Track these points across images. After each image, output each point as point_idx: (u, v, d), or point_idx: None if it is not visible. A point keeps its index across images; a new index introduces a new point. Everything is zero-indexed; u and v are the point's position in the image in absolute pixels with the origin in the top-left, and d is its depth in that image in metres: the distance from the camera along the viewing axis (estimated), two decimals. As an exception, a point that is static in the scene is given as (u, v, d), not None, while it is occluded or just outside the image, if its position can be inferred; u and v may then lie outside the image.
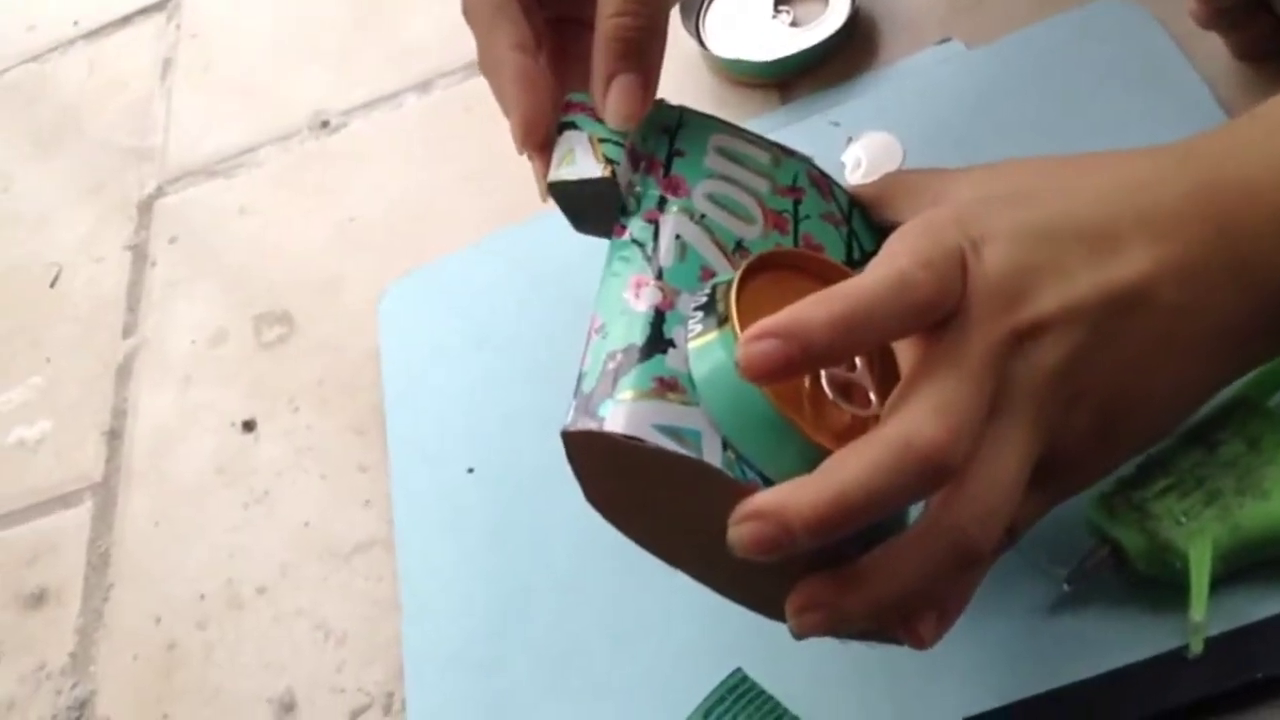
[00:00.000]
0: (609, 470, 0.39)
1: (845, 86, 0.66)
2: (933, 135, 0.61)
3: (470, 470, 0.61)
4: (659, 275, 0.41)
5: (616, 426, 0.37)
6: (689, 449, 0.36)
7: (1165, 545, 0.43)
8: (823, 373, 0.37)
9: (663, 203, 0.44)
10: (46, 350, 0.79)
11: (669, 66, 0.46)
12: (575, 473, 0.40)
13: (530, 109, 0.45)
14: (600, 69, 0.45)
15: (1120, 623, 0.45)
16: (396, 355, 0.67)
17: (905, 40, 0.67)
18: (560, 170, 0.44)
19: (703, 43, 0.70)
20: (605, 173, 0.43)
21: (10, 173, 0.91)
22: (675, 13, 0.68)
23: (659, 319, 0.40)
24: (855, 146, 0.63)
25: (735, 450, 0.37)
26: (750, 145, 0.47)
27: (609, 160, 0.44)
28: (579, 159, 0.44)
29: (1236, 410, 0.45)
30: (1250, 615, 0.43)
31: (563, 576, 0.55)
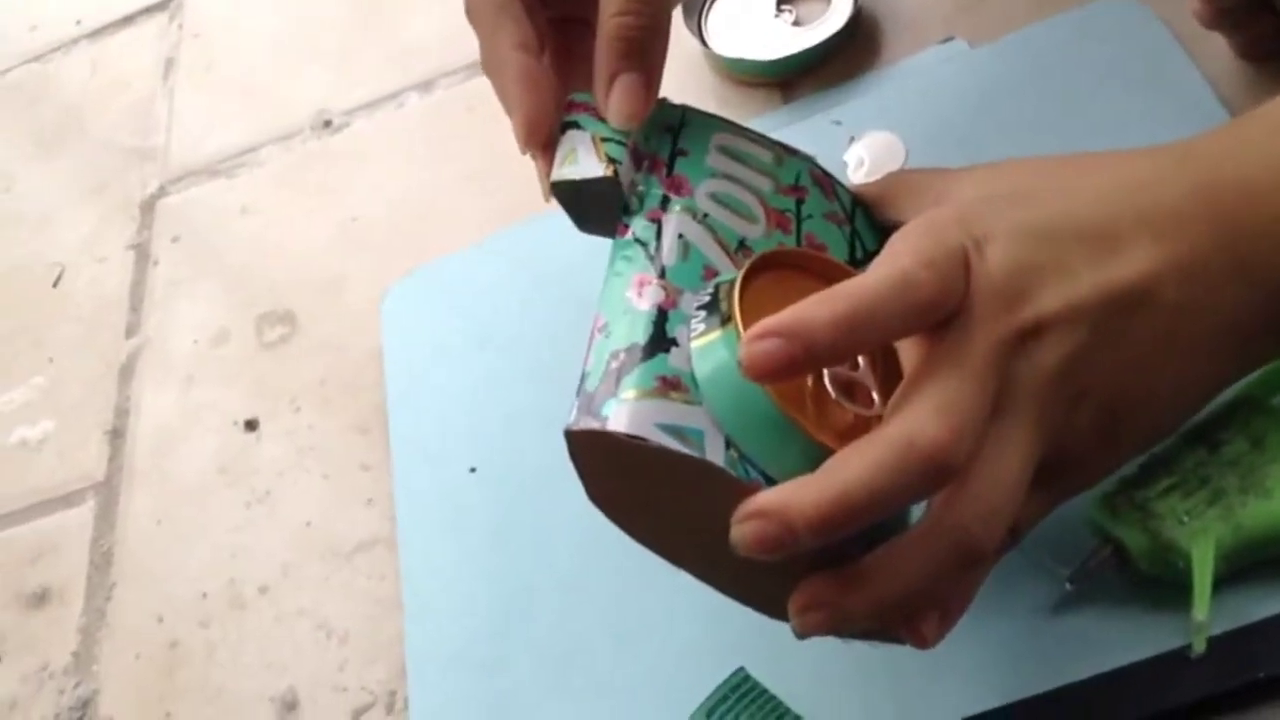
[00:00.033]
0: (612, 469, 0.39)
1: (848, 86, 0.66)
2: (935, 134, 0.61)
3: (473, 470, 0.61)
4: (662, 274, 0.41)
5: (619, 425, 0.37)
6: (692, 448, 0.36)
7: (1168, 545, 0.43)
8: (825, 372, 0.37)
9: (665, 202, 0.44)
10: (49, 350, 0.79)
11: (671, 66, 0.46)
12: (578, 472, 0.40)
13: (533, 109, 0.45)
14: (603, 68, 0.45)
15: (1123, 622, 0.45)
16: (399, 355, 0.67)
17: (907, 39, 0.67)
18: (563, 170, 0.44)
19: (705, 42, 0.70)
20: (608, 172, 0.43)
21: (13, 172, 0.91)
22: (678, 12, 0.68)
23: (662, 318, 0.40)
24: (858, 146, 0.63)
25: (738, 449, 0.37)
26: (753, 144, 0.47)
27: (612, 160, 0.44)
28: (582, 158, 0.44)
29: (1239, 409, 0.45)
30: (1253, 615, 0.43)
31: (565, 575, 0.55)
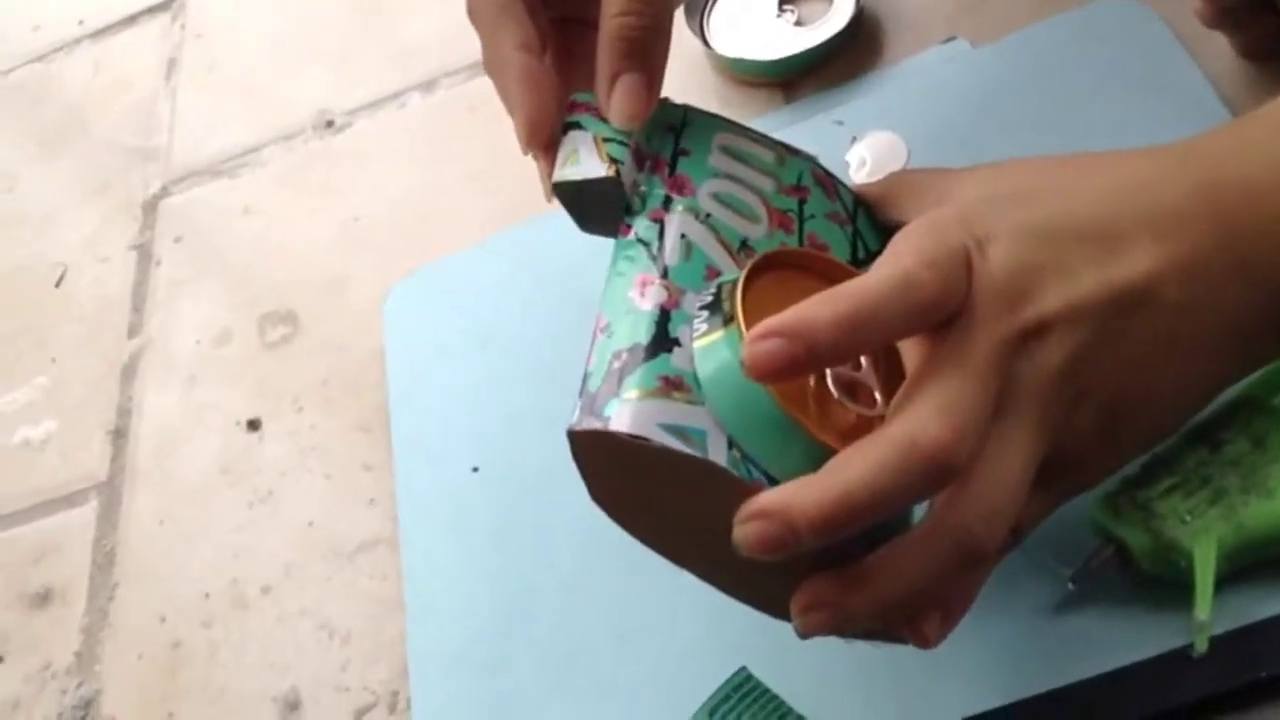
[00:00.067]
0: (614, 469, 0.39)
1: (850, 86, 0.66)
2: (937, 134, 0.61)
3: (475, 469, 0.61)
4: (664, 274, 0.41)
5: (622, 426, 0.37)
6: (694, 448, 0.36)
7: (1170, 544, 0.43)
8: (828, 372, 0.37)
9: (668, 202, 0.44)
10: (52, 350, 0.79)
11: (673, 66, 0.46)
12: (581, 472, 0.40)
13: (535, 109, 0.45)
14: (604, 68, 0.45)
15: (1125, 622, 0.45)
16: (401, 355, 0.67)
17: (910, 39, 0.67)
18: (565, 170, 0.44)
19: (707, 42, 0.70)
20: (610, 172, 0.43)
21: (15, 173, 0.91)
22: (679, 12, 0.68)
23: (664, 318, 0.40)
24: (860, 146, 0.63)
25: (740, 449, 0.37)
26: (755, 144, 0.47)
27: (614, 160, 0.44)
28: (584, 159, 0.44)
29: (1241, 409, 0.45)
30: (1255, 614, 0.43)
31: (567, 575, 0.55)
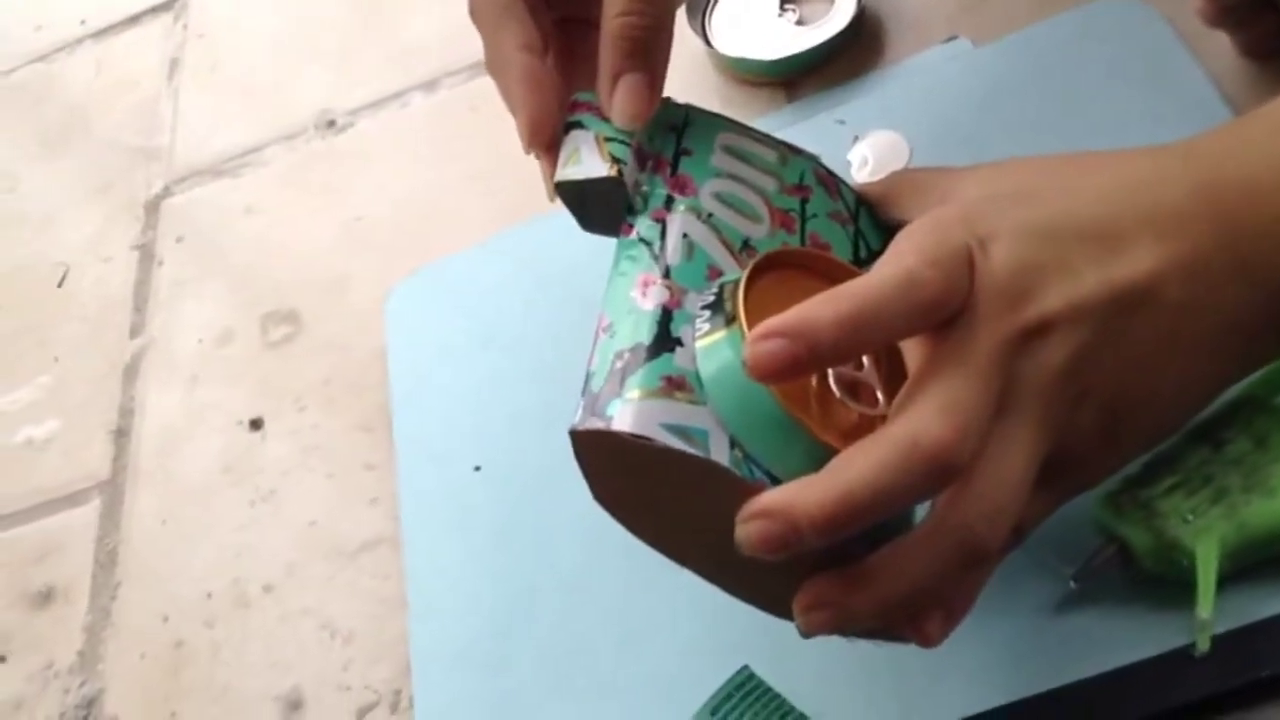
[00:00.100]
0: (617, 469, 0.39)
1: (851, 85, 0.66)
2: (939, 133, 0.61)
3: (477, 469, 0.61)
4: (666, 274, 0.41)
5: (624, 425, 0.37)
6: (696, 448, 0.36)
7: (1172, 543, 0.43)
8: (830, 372, 0.37)
9: (670, 201, 0.44)
10: (54, 350, 0.79)
11: (675, 65, 0.46)
12: (583, 471, 0.40)
13: (537, 109, 0.45)
14: (606, 68, 0.45)
15: (1127, 621, 0.45)
16: (403, 354, 0.67)
17: (911, 38, 0.67)
18: (567, 170, 0.44)
19: (709, 41, 0.70)
20: (612, 172, 0.43)
21: (18, 172, 0.91)
22: (681, 12, 0.68)
23: (666, 318, 0.40)
24: (862, 145, 0.63)
25: (743, 449, 0.37)
26: (757, 144, 0.47)
27: (615, 159, 0.44)
28: (585, 158, 0.44)
29: (1243, 408, 0.45)
30: (1257, 613, 0.43)
31: (569, 575, 0.55)
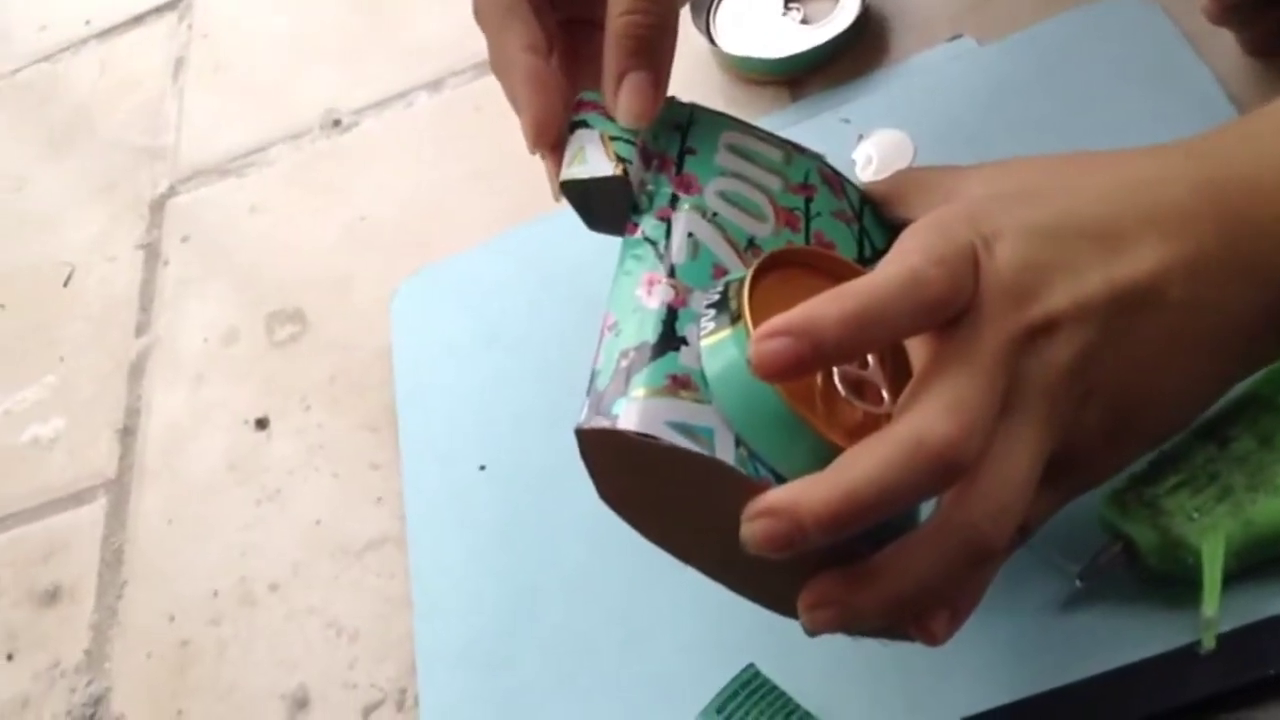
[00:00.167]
0: (622, 467, 0.39)
1: (856, 84, 0.66)
2: (944, 132, 0.61)
3: (482, 468, 0.61)
4: (671, 273, 0.41)
5: (630, 424, 0.37)
6: (702, 446, 0.36)
7: (1177, 541, 0.43)
8: (835, 370, 0.37)
9: (675, 200, 0.44)
10: (60, 349, 0.79)
11: (679, 64, 0.46)
12: (589, 470, 0.40)
13: (542, 109, 0.45)
14: (611, 67, 0.45)
15: (1132, 619, 0.45)
16: (408, 353, 0.67)
17: (916, 37, 0.67)
18: (572, 169, 0.44)
19: (713, 40, 0.70)
20: (617, 171, 0.43)
21: (23, 172, 0.91)
22: (685, 10, 0.68)
23: (671, 316, 0.40)
24: (866, 144, 0.63)
25: (748, 447, 0.37)
26: (762, 143, 0.47)
27: (621, 158, 0.44)
28: (591, 157, 0.44)
29: (1248, 407, 0.45)
30: (1262, 611, 0.43)
31: (574, 573, 0.55)
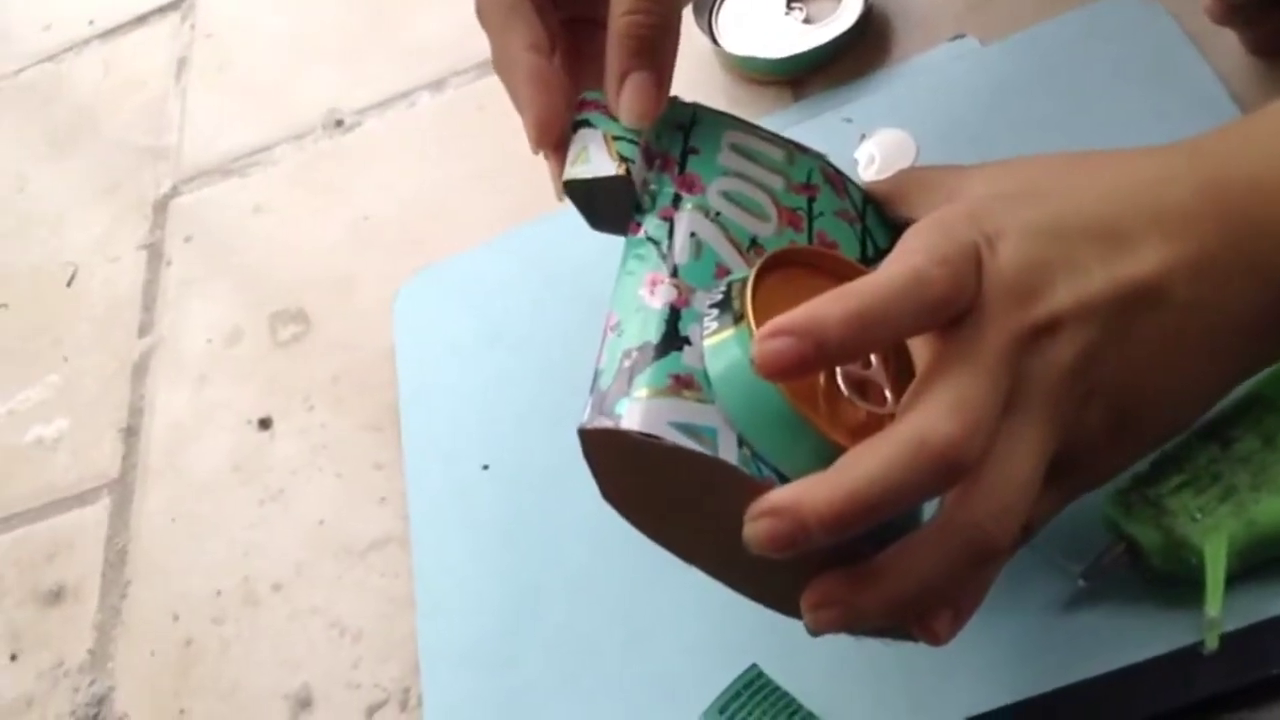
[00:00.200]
0: (625, 467, 0.39)
1: (858, 83, 0.66)
2: (946, 131, 0.61)
3: (485, 467, 0.61)
4: (674, 273, 0.41)
5: (633, 424, 0.37)
6: (705, 446, 0.36)
7: (1181, 541, 0.43)
8: (838, 370, 0.37)
9: (677, 200, 0.44)
10: (63, 349, 0.79)
11: (682, 64, 0.46)
12: (592, 470, 0.40)
13: (544, 109, 0.45)
14: (614, 67, 0.45)
15: (1135, 619, 0.45)
16: (411, 353, 0.67)
17: (918, 37, 0.67)
18: (575, 168, 0.44)
19: (715, 40, 0.70)
20: (620, 171, 0.44)
21: (26, 173, 0.91)
22: (688, 10, 0.68)
23: (674, 316, 0.40)
24: (869, 143, 0.63)
25: (751, 447, 0.37)
26: (764, 142, 0.47)
27: (623, 158, 0.44)
28: (593, 157, 0.44)
29: (1251, 407, 0.45)
30: (1266, 611, 0.43)
31: (577, 573, 0.55)
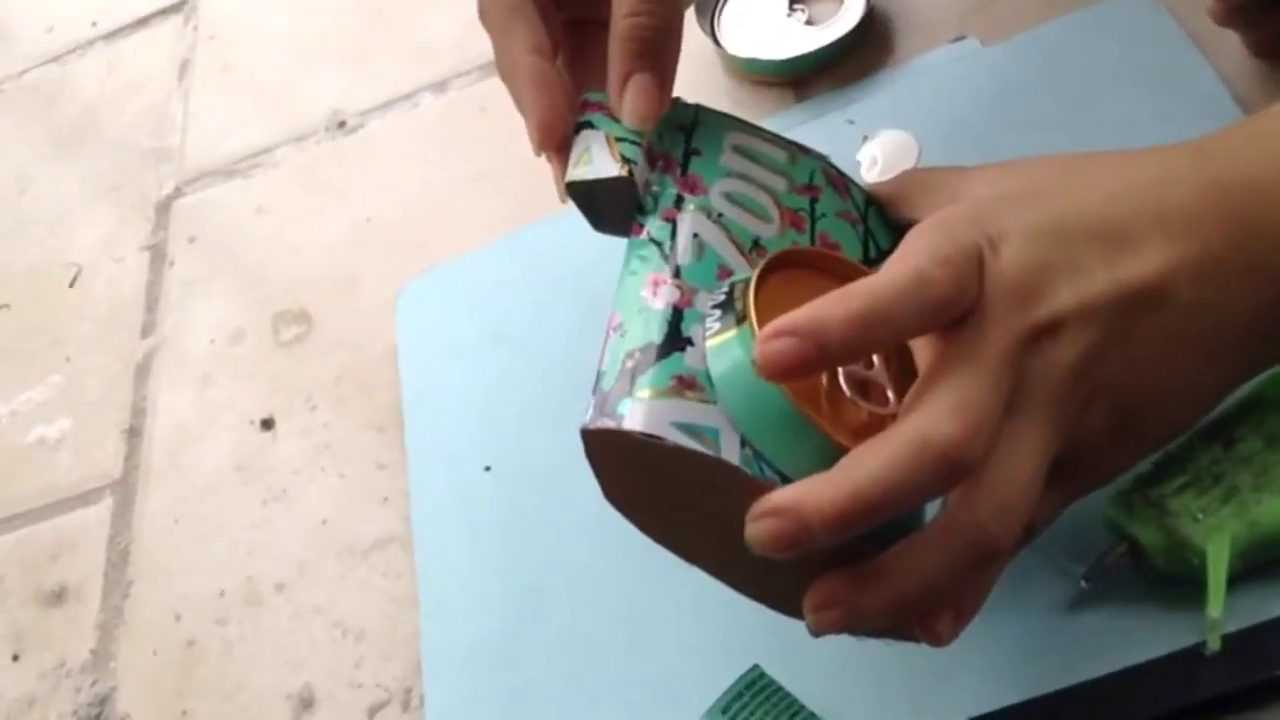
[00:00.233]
0: (628, 468, 0.39)
1: (860, 84, 0.66)
2: (948, 133, 0.61)
3: (487, 468, 0.61)
4: (676, 274, 0.41)
5: (635, 425, 0.37)
6: (707, 447, 0.36)
7: (1183, 542, 0.43)
8: (840, 370, 0.37)
9: (680, 201, 0.44)
10: (66, 349, 0.79)
11: (684, 66, 0.46)
12: (594, 470, 0.40)
13: (547, 111, 0.45)
14: (616, 69, 0.45)
15: (1137, 620, 0.45)
16: (414, 354, 0.67)
17: (920, 38, 0.67)
18: (577, 170, 0.44)
19: (718, 41, 0.70)
20: (622, 172, 0.44)
21: (30, 174, 0.92)
22: (690, 12, 0.68)
23: (677, 317, 0.40)
24: (871, 144, 0.63)
25: (753, 448, 0.37)
26: (766, 144, 0.47)
27: (626, 159, 0.44)
28: (596, 158, 0.44)
29: (1253, 407, 0.45)
30: (1268, 612, 0.43)
31: (580, 573, 0.55)
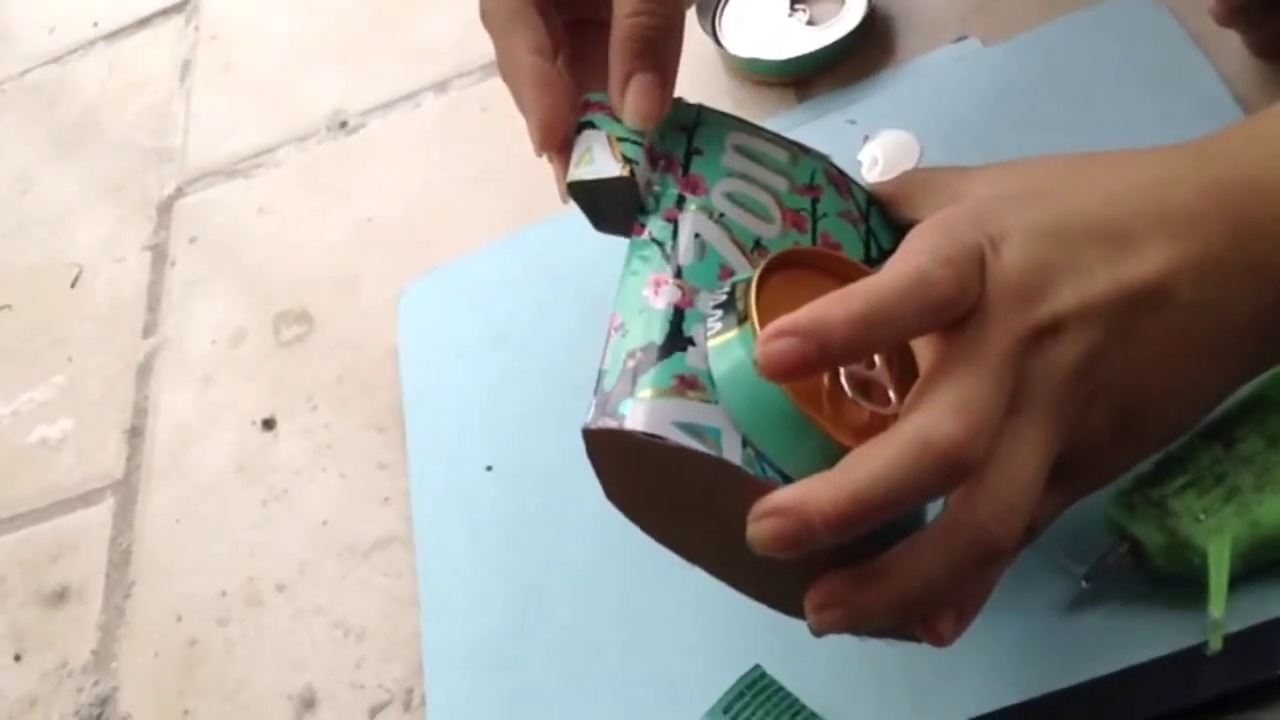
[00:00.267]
0: (629, 468, 0.39)
1: (862, 85, 0.66)
2: (950, 133, 0.61)
3: (489, 468, 0.61)
4: (678, 273, 0.41)
5: (637, 424, 0.37)
6: (709, 446, 0.37)
7: (1184, 542, 0.43)
8: (842, 370, 0.37)
9: (681, 201, 0.44)
10: (68, 350, 0.79)
11: (685, 66, 0.46)
12: (595, 470, 0.40)
13: (548, 112, 0.45)
14: (618, 68, 0.45)
15: (1139, 620, 0.45)
16: (415, 354, 0.67)
17: (921, 38, 0.67)
18: (579, 170, 0.44)
19: (719, 41, 0.70)
20: (624, 172, 0.44)
21: (31, 174, 0.92)
22: (691, 12, 0.68)
23: (678, 317, 0.40)
24: (872, 144, 0.63)
25: (755, 448, 0.37)
26: (768, 144, 0.47)
27: (627, 159, 0.44)
28: (597, 158, 0.44)
29: (1255, 407, 0.45)
30: (1269, 612, 0.43)
31: (581, 573, 0.55)
